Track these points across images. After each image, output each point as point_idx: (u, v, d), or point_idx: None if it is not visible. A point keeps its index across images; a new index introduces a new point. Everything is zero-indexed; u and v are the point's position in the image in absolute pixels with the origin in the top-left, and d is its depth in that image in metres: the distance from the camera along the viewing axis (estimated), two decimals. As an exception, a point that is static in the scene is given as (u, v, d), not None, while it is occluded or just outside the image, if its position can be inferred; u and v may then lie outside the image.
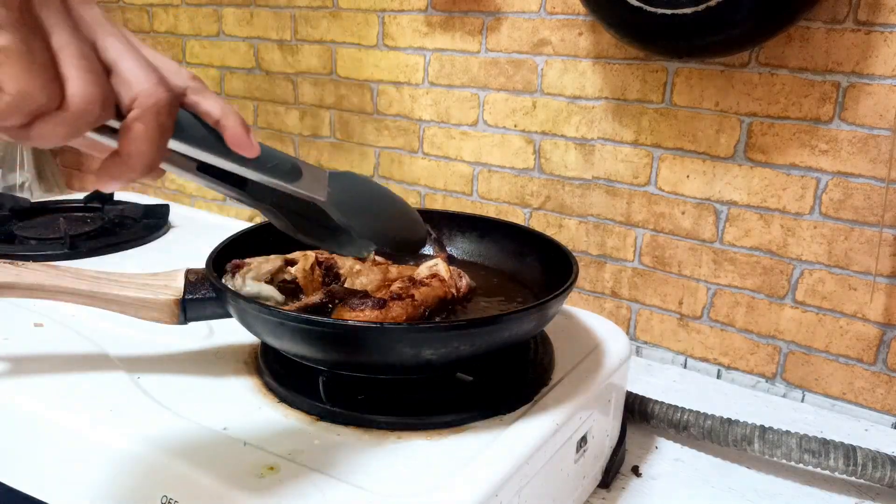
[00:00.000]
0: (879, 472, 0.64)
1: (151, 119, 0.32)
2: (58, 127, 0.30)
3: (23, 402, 0.55)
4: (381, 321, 0.52)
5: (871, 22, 0.74)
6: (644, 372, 0.92)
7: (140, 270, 0.61)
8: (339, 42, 1.15)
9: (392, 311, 0.54)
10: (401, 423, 0.51)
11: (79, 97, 0.30)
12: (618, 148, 0.93)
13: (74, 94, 0.30)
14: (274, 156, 0.40)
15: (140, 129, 0.32)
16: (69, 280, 0.57)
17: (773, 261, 0.86)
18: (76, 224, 0.98)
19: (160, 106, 0.32)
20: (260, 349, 0.61)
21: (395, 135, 1.13)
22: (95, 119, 0.31)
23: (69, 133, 0.31)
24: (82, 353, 0.62)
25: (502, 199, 1.05)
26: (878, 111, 0.76)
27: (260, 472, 0.45)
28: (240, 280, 0.58)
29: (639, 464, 0.71)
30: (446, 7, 1.02)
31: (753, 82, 0.82)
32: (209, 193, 1.42)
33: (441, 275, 0.61)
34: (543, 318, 0.56)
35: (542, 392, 0.57)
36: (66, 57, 0.30)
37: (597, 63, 0.92)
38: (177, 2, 1.35)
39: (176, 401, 0.54)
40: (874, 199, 0.78)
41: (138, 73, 0.32)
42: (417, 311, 0.55)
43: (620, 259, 0.97)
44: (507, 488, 0.47)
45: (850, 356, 0.83)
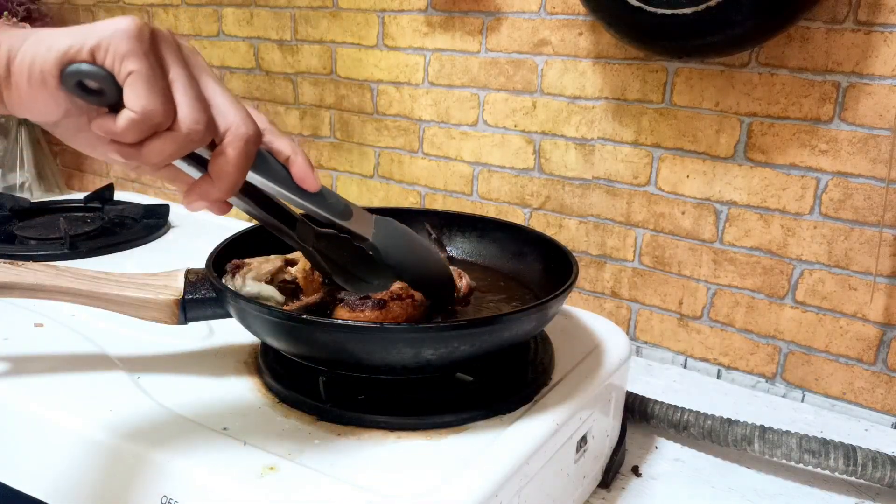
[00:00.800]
0: (879, 472, 0.64)
1: (241, 146, 0.38)
2: (167, 145, 0.36)
3: (23, 402, 0.55)
4: (381, 321, 0.52)
5: (871, 22, 0.74)
6: (644, 372, 0.92)
7: (140, 270, 0.61)
8: (339, 42, 1.15)
9: (392, 311, 0.53)
10: (401, 423, 0.51)
11: (188, 118, 0.36)
12: (618, 148, 0.93)
13: (185, 116, 0.36)
14: (331, 195, 0.47)
15: (231, 153, 0.38)
16: (69, 280, 0.57)
17: (773, 261, 0.86)
18: (76, 224, 0.98)
19: (249, 136, 0.39)
20: (260, 349, 0.61)
21: (395, 135, 1.13)
22: (199, 139, 0.37)
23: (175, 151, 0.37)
24: (82, 353, 0.62)
25: (502, 199, 1.05)
26: (878, 111, 0.76)
27: (260, 472, 0.45)
28: (240, 280, 0.58)
29: (639, 464, 0.71)
30: (446, 7, 1.02)
31: (753, 82, 0.82)
32: (209, 193, 1.42)
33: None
34: (543, 318, 0.56)
35: (542, 392, 0.57)
36: (179, 87, 0.36)
37: (597, 63, 0.92)
38: (177, 2, 1.35)
39: (176, 401, 0.54)
40: (874, 199, 0.78)
41: (232, 109, 0.39)
42: (417, 311, 0.55)
43: (620, 259, 0.97)
44: (507, 488, 0.47)
45: (850, 356, 0.83)
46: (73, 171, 1.67)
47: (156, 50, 0.36)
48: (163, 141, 0.36)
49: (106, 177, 1.60)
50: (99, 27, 0.35)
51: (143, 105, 0.35)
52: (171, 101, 0.36)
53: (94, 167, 1.62)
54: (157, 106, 0.35)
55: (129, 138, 0.36)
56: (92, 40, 0.35)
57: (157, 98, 0.35)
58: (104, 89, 0.35)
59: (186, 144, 0.37)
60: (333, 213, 0.47)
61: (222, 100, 0.39)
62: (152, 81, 0.35)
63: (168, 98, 0.36)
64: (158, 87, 0.35)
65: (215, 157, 0.39)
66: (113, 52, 0.35)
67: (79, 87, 0.35)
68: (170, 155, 0.37)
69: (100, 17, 1.50)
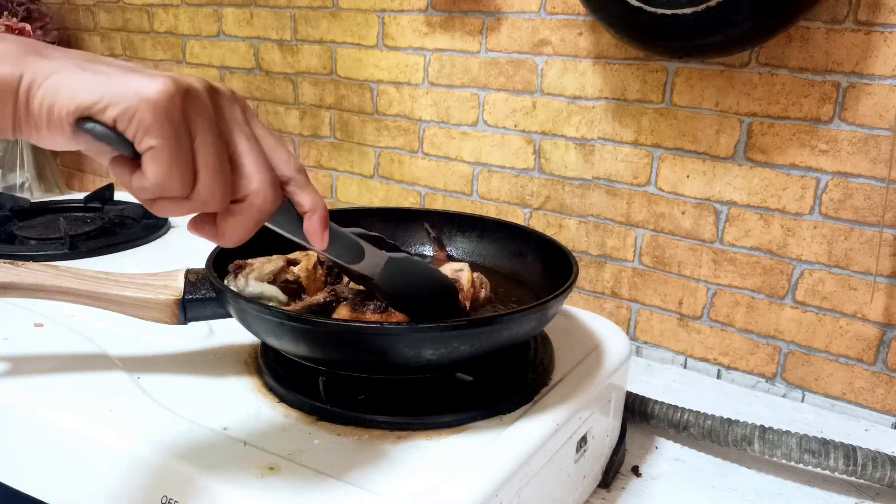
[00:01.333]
0: (879, 472, 0.64)
1: (254, 215, 0.38)
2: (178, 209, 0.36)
3: (23, 402, 0.55)
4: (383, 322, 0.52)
5: (871, 22, 0.74)
6: (644, 372, 0.92)
7: (140, 270, 0.61)
8: (339, 42, 1.15)
9: (394, 316, 0.53)
10: (401, 423, 0.51)
11: (205, 193, 0.35)
12: (618, 148, 0.93)
13: (201, 190, 0.35)
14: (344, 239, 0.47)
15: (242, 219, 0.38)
16: (69, 280, 0.57)
17: (773, 261, 0.86)
18: (76, 224, 0.98)
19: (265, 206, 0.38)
20: (260, 349, 0.61)
21: (395, 135, 1.13)
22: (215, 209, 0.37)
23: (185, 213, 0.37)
24: (82, 353, 0.62)
25: (502, 199, 1.05)
26: (878, 111, 0.76)
27: (260, 472, 0.45)
28: (242, 280, 0.58)
29: (639, 464, 0.71)
30: (446, 7, 1.02)
31: (753, 82, 0.82)
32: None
33: (462, 284, 0.60)
34: (543, 318, 0.56)
35: (542, 392, 0.57)
36: (202, 157, 0.35)
37: (597, 63, 0.92)
38: (177, 2, 1.35)
39: (176, 401, 0.54)
40: (874, 199, 0.78)
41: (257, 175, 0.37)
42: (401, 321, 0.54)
43: (620, 259, 0.97)
44: (507, 488, 0.47)
45: (850, 356, 0.83)
46: (73, 171, 1.67)
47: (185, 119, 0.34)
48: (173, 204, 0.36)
49: (106, 177, 1.59)
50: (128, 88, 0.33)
51: (158, 182, 0.34)
52: (191, 175, 0.35)
53: (94, 167, 1.62)
54: (173, 183, 0.34)
55: (140, 197, 0.36)
56: (118, 106, 0.33)
57: (175, 176, 0.34)
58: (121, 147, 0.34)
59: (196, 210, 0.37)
60: (344, 259, 0.48)
61: (251, 163, 0.37)
62: (172, 158, 0.34)
63: (187, 173, 0.35)
64: (178, 165, 0.34)
65: (226, 215, 0.38)
66: (136, 124, 0.33)
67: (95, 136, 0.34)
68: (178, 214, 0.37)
69: (99, 17, 1.49)
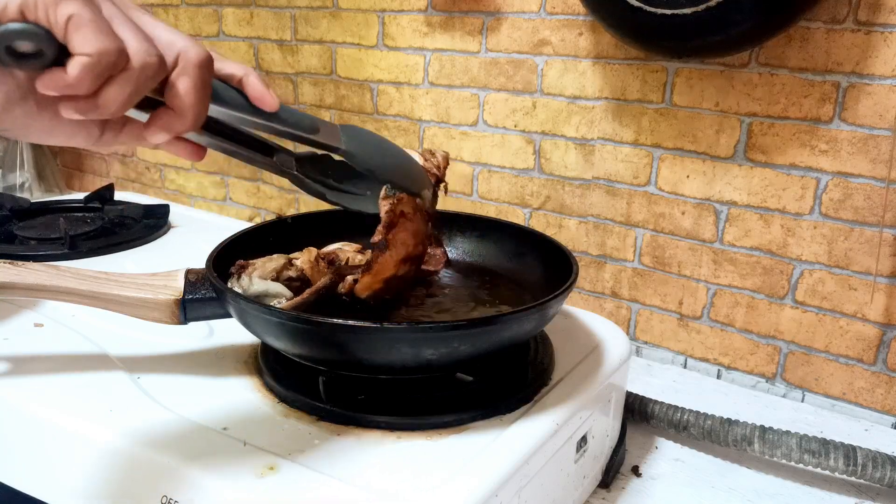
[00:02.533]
0: (879, 472, 0.64)
1: (196, 72, 0.36)
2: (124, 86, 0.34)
3: (23, 402, 0.55)
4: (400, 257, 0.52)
5: (871, 22, 0.74)
6: (644, 372, 0.92)
7: (140, 270, 0.61)
8: (339, 42, 1.15)
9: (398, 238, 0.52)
10: (401, 423, 0.51)
11: (141, 53, 0.34)
12: (618, 148, 0.93)
13: (137, 52, 0.34)
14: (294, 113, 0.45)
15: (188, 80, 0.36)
16: (69, 280, 0.57)
17: (773, 261, 0.86)
18: (76, 224, 0.98)
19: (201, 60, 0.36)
20: (260, 349, 0.61)
21: (395, 135, 1.13)
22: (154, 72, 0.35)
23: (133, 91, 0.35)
24: (82, 353, 0.62)
25: (502, 199, 1.05)
26: (878, 111, 0.76)
27: (260, 472, 0.45)
28: (246, 280, 0.58)
29: (639, 464, 0.71)
30: (446, 7, 1.02)
31: (753, 82, 0.82)
32: (209, 193, 1.42)
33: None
34: (543, 318, 0.56)
35: (542, 392, 0.57)
36: (118, 23, 0.34)
37: (597, 63, 0.92)
38: (177, 2, 1.35)
39: (176, 401, 0.54)
40: (874, 199, 0.78)
41: (175, 38, 0.36)
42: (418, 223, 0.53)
43: (620, 259, 0.97)
44: (507, 488, 0.47)
45: (850, 356, 0.83)
46: (73, 171, 1.67)
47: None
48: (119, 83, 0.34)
49: (106, 177, 1.60)
50: None
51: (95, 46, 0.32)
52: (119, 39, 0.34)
53: (94, 167, 1.62)
54: (110, 44, 0.33)
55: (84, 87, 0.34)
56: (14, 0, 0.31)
57: (106, 38, 0.33)
58: (40, 48, 0.33)
59: (143, 81, 0.35)
60: (300, 129, 0.46)
61: (164, 31, 0.36)
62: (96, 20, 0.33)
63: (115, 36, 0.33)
64: (104, 26, 0.33)
65: (171, 88, 0.36)
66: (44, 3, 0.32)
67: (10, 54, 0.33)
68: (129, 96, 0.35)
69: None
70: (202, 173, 1.41)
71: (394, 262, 0.52)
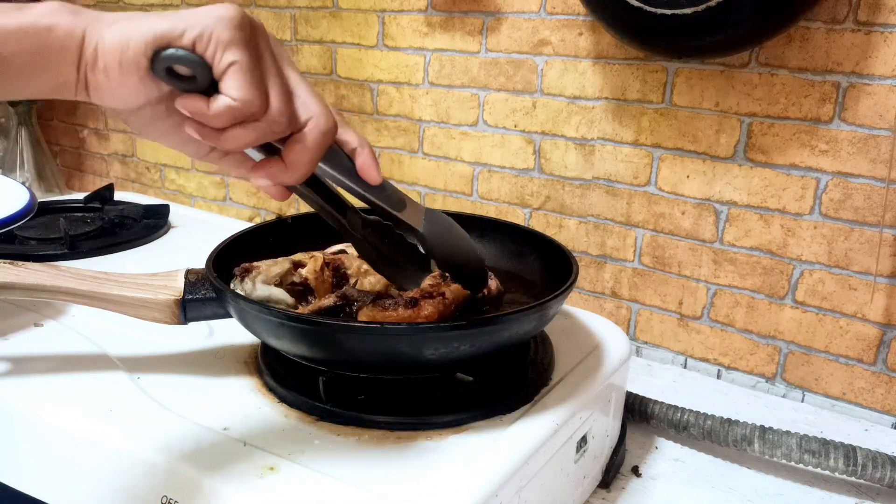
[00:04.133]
0: (879, 472, 0.64)
1: (319, 138, 0.39)
2: (249, 133, 0.37)
3: (23, 402, 0.55)
4: (414, 320, 0.52)
5: (871, 22, 0.74)
6: (644, 372, 0.92)
7: (140, 270, 0.61)
8: (339, 42, 1.15)
9: (424, 309, 0.53)
10: (401, 423, 0.51)
11: (277, 111, 0.37)
12: (618, 148, 0.93)
13: (273, 109, 0.37)
14: (388, 188, 0.49)
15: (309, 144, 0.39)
16: (69, 280, 0.57)
17: (773, 261, 0.86)
18: (76, 224, 0.98)
19: (328, 129, 0.39)
20: (260, 349, 0.61)
21: (395, 135, 1.13)
22: (280, 131, 0.38)
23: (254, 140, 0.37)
24: (82, 353, 0.62)
25: (502, 200, 1.05)
26: (878, 111, 0.76)
27: (260, 472, 0.46)
28: (250, 284, 0.58)
29: (639, 464, 0.71)
30: (446, 7, 1.02)
31: (753, 82, 0.82)
32: (209, 193, 1.42)
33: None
34: (543, 318, 0.56)
35: (542, 392, 0.57)
36: (270, 77, 0.37)
37: (597, 63, 0.92)
38: (177, 2, 1.35)
39: (176, 401, 0.54)
40: (874, 199, 0.78)
41: (313, 100, 0.39)
42: (448, 309, 0.54)
43: (620, 259, 0.97)
44: (507, 488, 0.47)
45: (850, 356, 0.83)
46: (73, 171, 1.67)
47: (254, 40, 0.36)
48: (245, 129, 0.37)
49: (106, 177, 1.60)
50: (199, 14, 0.35)
51: (243, 95, 0.35)
52: (267, 93, 0.36)
53: (94, 167, 1.62)
54: (256, 98, 0.36)
55: (218, 123, 0.36)
56: (195, 28, 0.35)
57: (257, 90, 0.36)
58: (195, 76, 0.35)
59: (267, 135, 0.38)
60: (390, 204, 0.49)
61: (304, 91, 0.39)
62: (253, 72, 0.36)
63: (263, 88, 0.36)
64: (256, 79, 0.36)
65: (292, 144, 0.39)
66: (215, 42, 0.35)
67: (167, 72, 0.35)
68: (248, 143, 0.38)
69: (100, 17, 1.49)
70: (202, 173, 1.41)
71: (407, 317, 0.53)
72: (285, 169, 0.40)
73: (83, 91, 0.36)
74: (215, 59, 0.35)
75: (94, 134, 1.57)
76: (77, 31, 0.35)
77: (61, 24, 0.34)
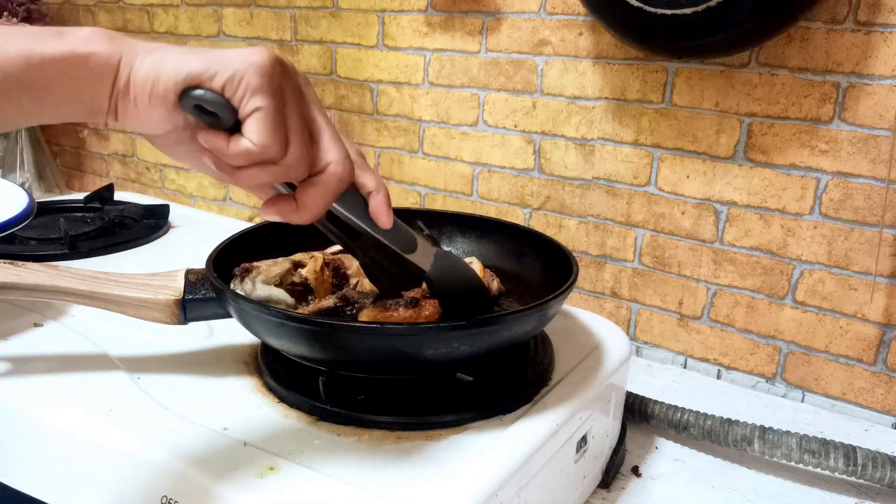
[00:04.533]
0: (879, 472, 0.64)
1: (334, 184, 0.40)
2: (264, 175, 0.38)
3: (23, 402, 0.55)
4: (415, 320, 0.52)
5: (871, 22, 0.74)
6: (644, 372, 0.92)
7: (140, 270, 0.61)
8: (339, 42, 1.15)
9: (425, 309, 0.53)
10: (401, 423, 0.51)
11: (294, 157, 0.38)
12: (618, 148, 0.93)
13: (291, 154, 0.37)
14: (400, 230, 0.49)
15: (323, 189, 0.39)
16: (69, 280, 0.57)
17: (773, 261, 0.86)
18: (76, 224, 0.98)
19: (344, 177, 0.40)
20: (260, 349, 0.61)
21: (395, 135, 1.13)
22: (297, 176, 0.39)
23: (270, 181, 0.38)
24: (82, 353, 0.62)
25: (502, 200, 1.05)
26: (878, 111, 0.76)
27: (260, 472, 0.45)
28: (249, 284, 0.58)
29: (639, 464, 0.71)
30: (446, 7, 1.02)
31: (753, 82, 0.82)
32: (209, 193, 1.42)
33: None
34: (543, 318, 0.56)
35: (542, 392, 0.57)
36: (292, 124, 0.37)
37: (597, 63, 0.92)
38: (177, 2, 1.35)
39: (176, 401, 0.54)
40: (874, 199, 0.78)
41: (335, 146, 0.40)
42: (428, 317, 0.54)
43: (620, 259, 0.97)
44: (507, 488, 0.47)
45: (850, 356, 0.83)
46: (73, 171, 1.67)
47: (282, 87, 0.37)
48: (262, 170, 0.37)
49: (106, 177, 1.60)
50: (232, 57, 0.36)
51: (263, 142, 0.36)
52: (287, 140, 0.37)
53: (94, 167, 1.62)
54: (276, 145, 0.36)
55: (235, 163, 0.37)
56: (226, 72, 0.35)
57: (278, 138, 0.36)
58: (220, 116, 0.36)
59: (282, 177, 0.38)
60: (400, 247, 0.49)
61: (327, 137, 0.39)
62: (276, 120, 0.36)
63: (285, 137, 0.37)
64: (279, 126, 0.36)
65: (307, 187, 0.40)
66: (244, 87, 0.36)
67: (194, 107, 0.36)
68: (262, 183, 0.39)
69: (100, 17, 1.50)
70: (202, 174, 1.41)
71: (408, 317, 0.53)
72: (296, 209, 0.40)
73: (112, 117, 0.37)
74: (241, 102, 0.36)
75: (94, 134, 1.57)
76: (114, 60, 0.35)
77: (100, 52, 0.35)
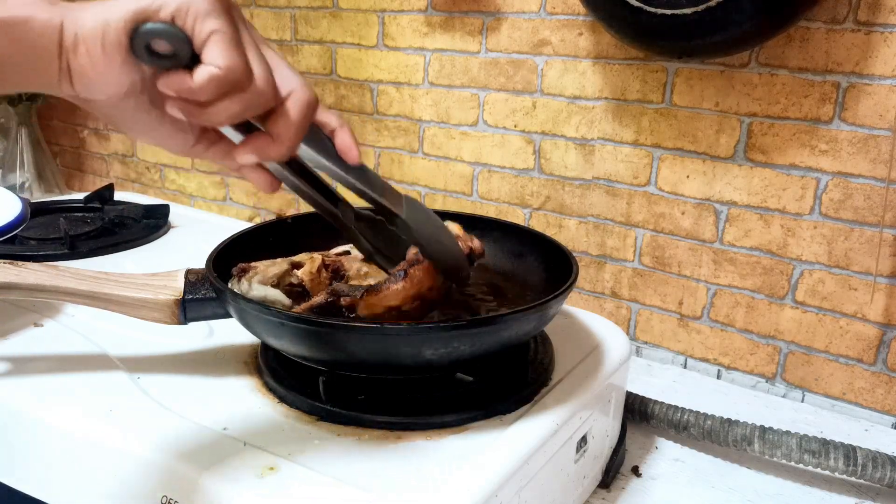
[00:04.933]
0: (879, 472, 0.64)
1: (303, 109, 0.39)
2: (235, 104, 0.37)
3: (23, 402, 0.55)
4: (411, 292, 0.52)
5: (871, 22, 0.74)
6: (644, 372, 0.92)
7: (140, 270, 0.61)
8: (339, 42, 1.15)
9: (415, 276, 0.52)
10: (401, 423, 0.51)
11: (262, 80, 0.37)
12: (618, 148, 0.93)
13: (259, 77, 0.37)
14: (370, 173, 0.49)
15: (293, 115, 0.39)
16: (69, 280, 0.57)
17: (773, 261, 0.86)
18: (76, 224, 0.99)
19: (310, 101, 0.40)
20: (260, 349, 0.61)
21: (395, 135, 1.13)
22: (265, 101, 0.38)
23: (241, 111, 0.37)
24: (82, 353, 0.62)
25: (502, 200, 1.05)
26: (878, 111, 0.76)
27: (260, 472, 0.46)
28: (246, 284, 0.58)
29: (639, 464, 0.71)
30: (446, 7, 1.02)
31: (753, 82, 0.82)
32: (209, 193, 1.42)
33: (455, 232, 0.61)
34: (543, 318, 0.56)
35: (542, 392, 0.57)
36: (250, 49, 0.37)
37: (597, 63, 0.92)
38: (177, 2, 1.35)
39: (176, 401, 0.54)
40: (874, 199, 0.78)
41: (293, 76, 0.40)
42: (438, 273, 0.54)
43: (620, 259, 0.97)
44: (507, 488, 0.47)
45: (850, 356, 0.83)
46: (73, 171, 1.67)
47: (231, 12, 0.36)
48: (231, 101, 0.36)
49: (106, 177, 1.60)
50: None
51: (226, 62, 0.35)
52: (248, 62, 0.36)
53: (94, 167, 1.62)
54: (239, 64, 0.36)
55: (203, 96, 0.36)
56: (172, 2, 0.34)
57: (240, 57, 0.36)
58: (176, 51, 0.35)
59: (253, 104, 0.37)
60: (372, 188, 0.49)
61: (284, 67, 0.40)
62: (234, 38, 0.36)
63: (246, 58, 0.36)
64: (239, 46, 0.36)
65: (276, 118, 0.39)
66: (194, 13, 0.35)
67: (147, 50, 0.35)
68: (236, 113, 0.37)
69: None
70: (202, 173, 1.41)
71: (403, 295, 0.52)
72: (271, 142, 0.40)
73: (67, 81, 0.36)
74: (195, 29, 0.35)
75: (94, 134, 1.57)
76: (55, 20, 0.34)
77: (38, 15, 0.34)
